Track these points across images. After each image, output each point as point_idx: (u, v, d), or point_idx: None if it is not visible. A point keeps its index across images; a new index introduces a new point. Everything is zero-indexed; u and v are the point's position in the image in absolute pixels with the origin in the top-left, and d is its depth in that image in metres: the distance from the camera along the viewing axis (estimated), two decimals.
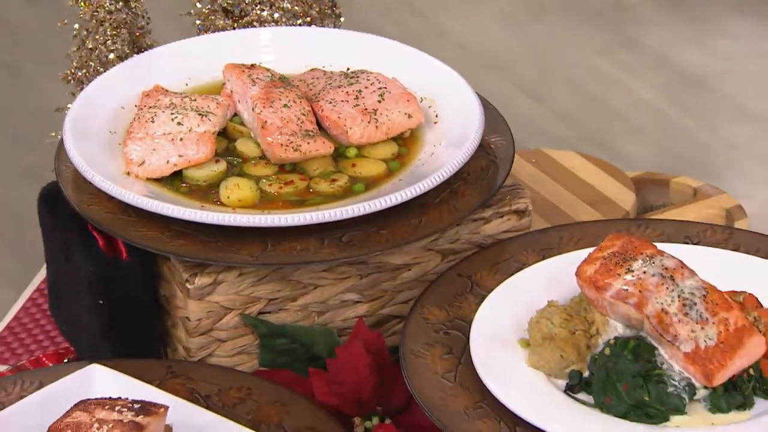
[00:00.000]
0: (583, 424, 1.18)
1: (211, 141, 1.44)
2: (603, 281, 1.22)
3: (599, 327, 1.24)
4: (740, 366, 1.19)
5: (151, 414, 1.19)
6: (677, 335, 1.18)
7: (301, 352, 1.42)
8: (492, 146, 1.49)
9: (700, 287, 1.21)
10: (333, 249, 1.36)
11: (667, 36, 3.78)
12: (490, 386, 1.22)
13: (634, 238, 1.25)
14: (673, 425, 1.18)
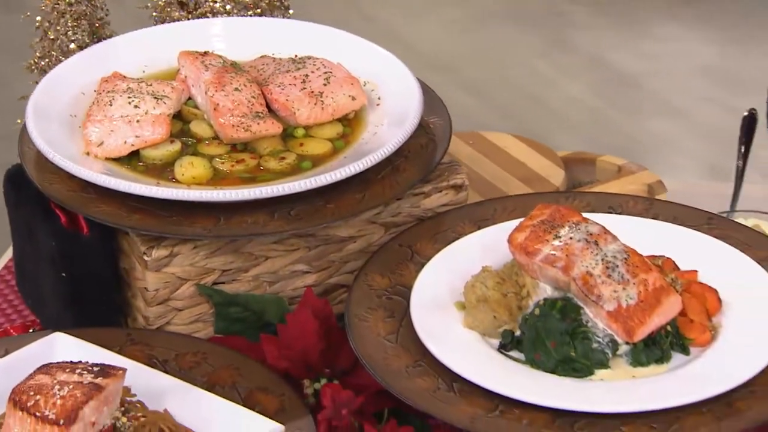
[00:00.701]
0: (515, 378, 1.19)
1: (166, 122, 1.44)
2: (533, 247, 1.23)
3: (529, 289, 1.25)
4: (658, 323, 1.20)
5: (110, 376, 1.18)
6: (601, 295, 1.19)
7: (253, 319, 1.42)
8: (431, 126, 1.49)
9: (622, 251, 1.22)
10: (282, 222, 1.36)
11: (599, 39, 3.81)
12: (429, 346, 1.22)
13: (562, 207, 1.26)
14: (597, 378, 1.19)
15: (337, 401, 1.25)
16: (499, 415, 1.16)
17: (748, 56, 3.64)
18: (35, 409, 1.13)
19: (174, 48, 1.55)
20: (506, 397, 1.17)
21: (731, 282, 1.26)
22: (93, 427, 1.16)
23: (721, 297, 1.25)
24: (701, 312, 1.23)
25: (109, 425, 1.17)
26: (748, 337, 1.21)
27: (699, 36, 3.82)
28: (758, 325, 1.22)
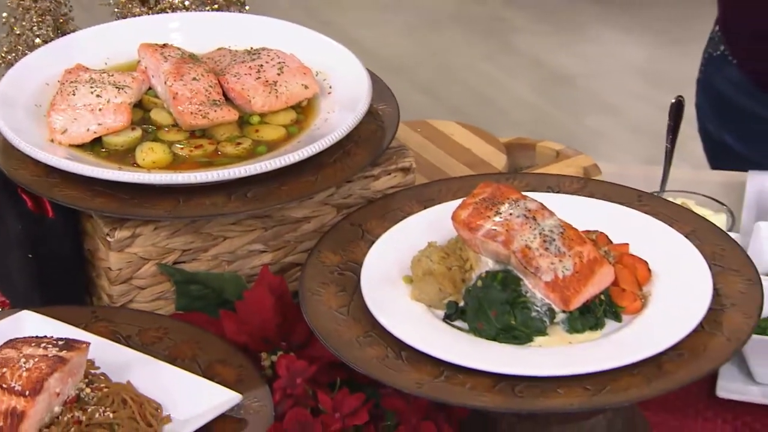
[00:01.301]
0: (459, 346, 1.19)
1: (127, 111, 1.43)
2: (475, 223, 1.23)
3: (472, 263, 1.25)
4: (593, 292, 1.20)
5: (74, 349, 1.17)
6: (539, 267, 1.20)
7: (212, 297, 1.41)
8: (380, 113, 1.49)
9: (558, 225, 1.22)
10: (239, 203, 1.36)
11: (539, 42, 3.85)
12: (378, 317, 1.22)
13: (502, 185, 1.27)
14: (536, 345, 1.19)
15: (291, 370, 1.24)
16: (444, 380, 1.16)
17: (677, 57, 3.70)
18: (2, 381, 1.11)
19: (134, 41, 1.54)
20: (451, 364, 1.17)
21: (660, 254, 1.27)
22: (58, 397, 1.15)
23: (651, 268, 1.26)
24: (632, 282, 1.23)
25: (73, 396, 1.16)
26: (676, 305, 1.21)
27: (631, 39, 3.87)
28: (685, 293, 1.22)
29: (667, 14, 3.91)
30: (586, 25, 3.96)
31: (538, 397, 1.13)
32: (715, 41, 1.88)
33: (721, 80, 1.86)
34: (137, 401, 1.19)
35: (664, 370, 1.15)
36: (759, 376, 1.39)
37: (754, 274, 1.24)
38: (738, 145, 1.88)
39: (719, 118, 1.91)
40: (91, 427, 1.15)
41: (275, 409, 1.22)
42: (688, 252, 1.27)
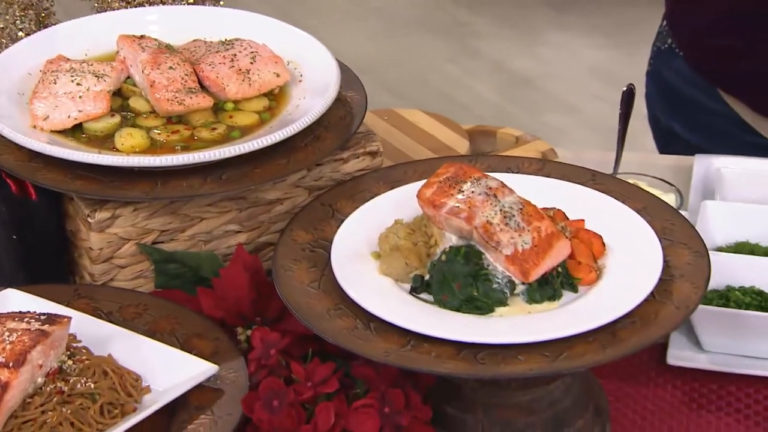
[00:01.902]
0: (424, 317, 1.18)
1: (107, 98, 1.41)
2: (439, 200, 1.22)
3: (437, 239, 1.24)
4: (550, 265, 1.20)
5: (56, 323, 1.15)
6: (500, 241, 1.19)
7: (190, 275, 1.39)
8: (348, 100, 1.48)
9: (518, 202, 1.21)
10: (214, 185, 1.34)
11: (500, 45, 3.87)
12: (348, 291, 1.21)
13: (464, 165, 1.26)
14: (497, 315, 1.19)
15: (265, 342, 1.23)
16: (410, 349, 1.14)
17: (630, 58, 3.74)
18: None
19: (113, 33, 1.52)
20: (417, 333, 1.16)
21: (614, 229, 1.26)
22: (40, 369, 1.13)
23: (605, 242, 1.25)
24: (588, 255, 1.23)
25: (55, 368, 1.14)
26: (629, 276, 1.21)
27: (587, 42, 3.90)
28: (637, 265, 1.22)
29: (616, 18, 3.94)
30: (543, 29, 3.99)
31: (500, 363, 1.12)
32: (663, 35, 1.88)
33: (669, 72, 1.86)
34: (118, 373, 1.17)
35: (618, 337, 1.14)
36: (706, 344, 1.39)
37: (701, 247, 1.24)
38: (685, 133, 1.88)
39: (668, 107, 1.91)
40: (73, 397, 1.13)
41: (250, 380, 1.21)
42: (640, 227, 1.26)
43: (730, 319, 1.35)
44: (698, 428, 1.31)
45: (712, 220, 1.47)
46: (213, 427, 1.13)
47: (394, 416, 1.17)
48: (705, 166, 1.65)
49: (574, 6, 4.07)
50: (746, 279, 1.40)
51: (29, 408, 1.11)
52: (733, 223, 1.49)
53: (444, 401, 1.23)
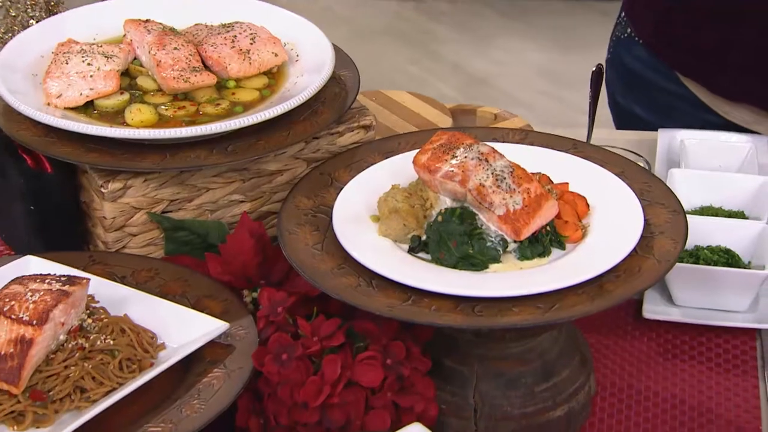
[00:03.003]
0: (423, 274, 1.13)
1: (116, 77, 1.34)
2: (434, 165, 1.17)
3: (432, 202, 1.19)
4: (540, 224, 1.15)
5: (76, 284, 1.09)
6: (492, 202, 1.14)
7: (198, 242, 1.34)
8: (342, 78, 1.43)
9: (508, 166, 1.16)
10: (220, 156, 1.28)
11: (459, 50, 3.88)
12: (350, 251, 1.15)
13: (457, 133, 1.21)
14: (491, 271, 1.14)
15: (272, 301, 1.18)
16: (411, 303, 1.10)
17: (572, 59, 3.78)
18: (11, 313, 1.03)
19: (119, 19, 1.46)
20: (417, 289, 1.11)
21: (596, 191, 1.22)
22: (62, 326, 1.07)
23: (589, 203, 1.20)
24: (573, 215, 1.18)
25: (76, 326, 1.08)
26: (612, 234, 1.17)
27: (534, 45, 3.94)
28: (620, 223, 1.18)
29: (558, 24, 4.02)
30: (495, 35, 4.04)
31: (496, 315, 1.08)
32: (622, 25, 1.84)
33: (630, 59, 1.82)
34: (134, 330, 1.11)
35: (605, 290, 1.10)
36: (678, 299, 1.35)
37: (677, 206, 1.20)
38: (646, 114, 1.84)
39: (629, 91, 1.88)
40: (94, 353, 1.07)
41: (259, 336, 1.16)
42: (620, 188, 1.22)
43: (700, 275, 1.31)
44: (673, 376, 1.28)
45: (678, 186, 1.43)
46: (226, 380, 1.08)
47: (396, 367, 1.12)
48: (668, 139, 1.62)
49: (522, 14, 4.14)
50: (713, 239, 1.36)
51: (53, 363, 1.05)
52: (697, 189, 1.46)
53: (441, 354, 1.18)
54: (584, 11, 4.03)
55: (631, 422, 1.22)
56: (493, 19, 4.09)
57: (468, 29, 4.04)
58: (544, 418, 1.17)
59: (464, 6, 4.11)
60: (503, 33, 4.07)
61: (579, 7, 4.02)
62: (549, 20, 3.99)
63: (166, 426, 1.02)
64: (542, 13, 4.06)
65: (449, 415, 1.17)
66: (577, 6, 4.03)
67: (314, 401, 1.10)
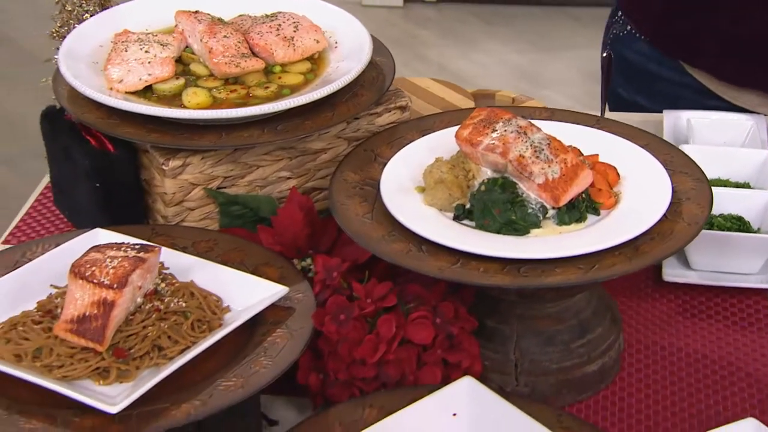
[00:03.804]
0: (470, 239, 1.12)
1: (172, 63, 1.33)
2: (476, 139, 1.16)
3: (474, 173, 1.17)
4: (576, 191, 1.14)
5: (149, 251, 1.08)
6: (532, 172, 1.13)
7: (250, 215, 1.32)
8: (378, 63, 1.41)
9: (545, 138, 1.15)
10: (271, 135, 1.27)
11: (444, 53, 3.91)
12: (399, 218, 1.14)
13: (495, 108, 1.19)
14: (532, 235, 1.13)
15: (327, 267, 1.16)
16: (460, 266, 1.08)
17: (550, 61, 3.80)
18: (92, 277, 1.02)
19: (170, 11, 1.44)
20: (464, 253, 1.10)
21: (624, 162, 1.21)
22: (139, 290, 1.05)
23: (619, 172, 1.19)
24: (605, 183, 1.17)
25: (151, 289, 1.07)
26: (643, 200, 1.16)
27: (513, 48, 3.98)
28: (649, 190, 1.17)
29: (534, 29, 4.08)
30: (477, 38, 4.11)
31: (540, 275, 1.07)
32: (619, 24, 1.82)
33: (631, 53, 1.80)
34: (202, 294, 1.10)
35: (641, 251, 1.09)
36: (695, 263, 1.34)
37: (701, 174, 1.19)
38: (650, 104, 1.83)
39: (631, 83, 1.86)
40: (168, 314, 1.06)
41: (316, 299, 1.14)
42: (647, 159, 1.21)
43: (715, 241, 1.31)
44: (694, 333, 1.27)
45: None
46: (290, 339, 1.06)
47: (445, 326, 1.11)
48: (673, 120, 1.61)
49: (503, 20, 4.20)
50: (725, 208, 1.36)
51: (132, 324, 1.03)
52: (707, 163, 1.44)
53: (483, 315, 1.17)
54: (559, 17, 4.07)
55: (659, 375, 1.21)
56: (476, 25, 4.13)
57: (452, 34, 4.07)
58: (580, 372, 1.16)
59: (449, 13, 4.16)
60: (485, 37, 4.11)
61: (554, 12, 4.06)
62: (527, 25, 4.04)
63: (238, 381, 1.00)
64: (521, 18, 4.11)
65: (492, 371, 1.16)
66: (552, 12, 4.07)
67: (371, 358, 1.08)
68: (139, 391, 0.96)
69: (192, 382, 1.01)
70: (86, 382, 1.00)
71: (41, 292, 1.09)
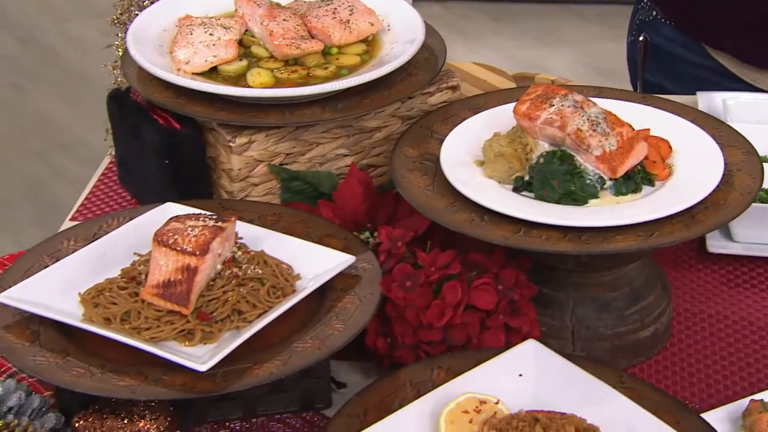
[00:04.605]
0: (530, 209, 1.11)
1: (235, 45, 1.33)
2: (534, 114, 1.16)
3: (532, 147, 1.17)
4: (632, 163, 1.14)
5: (226, 221, 1.08)
6: (590, 145, 1.12)
7: (310, 190, 1.32)
8: (430, 45, 1.41)
9: (601, 112, 1.15)
10: (332, 113, 1.27)
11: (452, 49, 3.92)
12: (461, 189, 1.14)
13: (551, 85, 1.19)
14: (591, 205, 1.12)
15: (391, 237, 1.16)
16: (523, 234, 1.08)
17: (555, 57, 3.81)
18: (175, 245, 1.02)
19: None
20: (527, 221, 1.09)
21: (674, 135, 1.21)
22: (219, 257, 1.05)
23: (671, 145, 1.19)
24: (659, 156, 1.17)
25: (229, 257, 1.07)
26: (695, 171, 1.16)
27: (520, 44, 3.99)
28: (702, 162, 1.17)
29: (539, 25, 4.11)
30: (485, 35, 4.14)
31: (602, 242, 1.06)
32: (645, 9, 1.82)
33: (658, 38, 1.79)
34: (274, 262, 1.10)
35: (697, 219, 1.08)
36: (737, 236, 1.34)
37: (750, 147, 1.19)
38: (675, 87, 1.82)
39: (656, 67, 1.85)
40: (246, 281, 1.06)
41: (381, 268, 1.14)
42: (697, 132, 1.21)
43: (757, 213, 1.30)
44: (739, 302, 1.27)
45: None
46: (359, 305, 1.06)
47: (507, 292, 1.11)
48: (707, 100, 1.60)
49: (507, 16, 4.23)
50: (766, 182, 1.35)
51: (213, 289, 1.03)
52: None
53: (539, 284, 1.17)
54: (564, 13, 4.07)
55: (708, 341, 1.21)
56: (483, 22, 4.13)
57: (459, 30, 4.07)
58: (634, 338, 1.16)
59: (456, 10, 4.15)
60: (492, 34, 4.12)
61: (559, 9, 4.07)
62: (533, 22, 4.03)
63: (314, 342, 1.00)
64: (527, 15, 4.11)
65: (549, 336, 1.15)
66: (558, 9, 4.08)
67: (438, 322, 1.08)
68: (225, 351, 0.96)
69: (270, 345, 1.01)
70: (171, 344, 1.00)
71: (122, 261, 1.09)
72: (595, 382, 0.99)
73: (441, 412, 0.95)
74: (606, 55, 3.49)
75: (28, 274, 1.06)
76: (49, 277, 1.04)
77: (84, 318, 1.00)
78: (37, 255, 1.10)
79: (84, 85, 2.97)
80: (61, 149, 2.59)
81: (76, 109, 2.82)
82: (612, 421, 0.93)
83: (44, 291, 1.03)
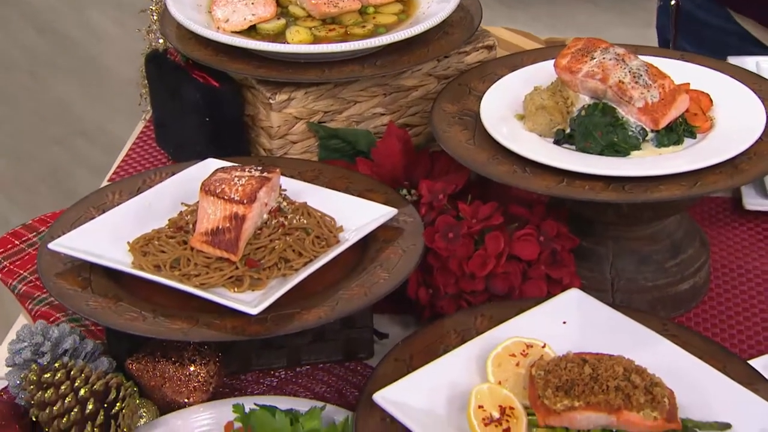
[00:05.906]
0: (573, 159, 1.10)
1: (273, 3, 1.32)
2: (576, 66, 1.14)
3: (572, 100, 1.16)
4: (674, 115, 1.12)
5: (272, 172, 1.07)
6: (632, 96, 1.11)
7: (347, 148, 1.31)
8: (466, 5, 1.39)
9: (643, 64, 1.13)
10: (372, 69, 1.26)
11: None
12: (502, 141, 1.12)
13: (592, 39, 1.17)
14: (633, 157, 1.11)
15: (432, 191, 1.15)
16: (566, 185, 1.07)
17: None
18: (223, 194, 1.01)
19: None
20: (569, 172, 1.08)
21: (713, 89, 1.19)
22: (266, 206, 1.05)
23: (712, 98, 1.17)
24: (700, 109, 1.15)
25: (275, 207, 1.06)
26: (737, 123, 1.14)
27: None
28: (742, 114, 1.15)
29: (552, 12, 4.10)
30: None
31: (645, 192, 1.05)
32: None
33: (683, 1, 1.76)
34: (318, 214, 1.09)
35: (740, 169, 1.07)
36: None
37: None
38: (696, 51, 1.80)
39: (680, 31, 1.82)
40: (292, 230, 1.05)
41: (423, 220, 1.13)
42: (736, 86, 1.19)
43: None
44: None
45: None
46: (402, 255, 1.05)
47: (548, 243, 1.10)
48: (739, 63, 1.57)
49: (520, 3, 4.23)
50: None
51: (260, 237, 1.03)
52: None
53: (578, 237, 1.15)
54: (576, 0, 4.05)
55: (746, 295, 1.20)
56: (496, 9, 4.12)
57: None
58: (673, 291, 1.15)
59: None
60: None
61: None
62: (546, 9, 4.02)
63: (360, 289, 0.99)
64: (539, 2, 4.10)
65: (589, 288, 1.14)
66: None
67: (480, 272, 1.07)
68: (275, 295, 0.95)
69: (316, 292, 1.01)
70: (220, 290, 1.00)
71: (168, 212, 1.09)
72: (640, 328, 0.98)
73: (488, 355, 0.94)
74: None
75: (76, 224, 1.06)
76: (98, 227, 1.04)
77: (134, 265, 1.00)
78: (83, 207, 1.10)
79: (102, 74, 2.96)
80: (80, 136, 2.57)
81: (95, 97, 2.80)
82: (659, 366, 0.92)
83: (94, 240, 1.02)
